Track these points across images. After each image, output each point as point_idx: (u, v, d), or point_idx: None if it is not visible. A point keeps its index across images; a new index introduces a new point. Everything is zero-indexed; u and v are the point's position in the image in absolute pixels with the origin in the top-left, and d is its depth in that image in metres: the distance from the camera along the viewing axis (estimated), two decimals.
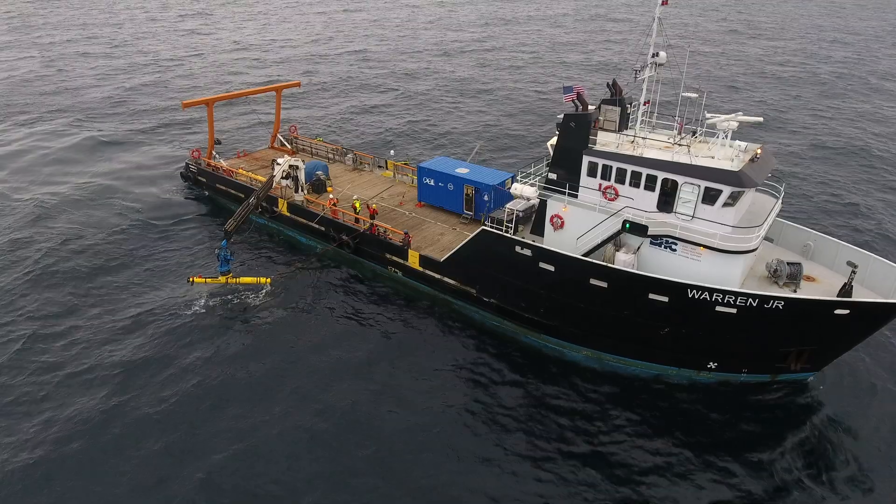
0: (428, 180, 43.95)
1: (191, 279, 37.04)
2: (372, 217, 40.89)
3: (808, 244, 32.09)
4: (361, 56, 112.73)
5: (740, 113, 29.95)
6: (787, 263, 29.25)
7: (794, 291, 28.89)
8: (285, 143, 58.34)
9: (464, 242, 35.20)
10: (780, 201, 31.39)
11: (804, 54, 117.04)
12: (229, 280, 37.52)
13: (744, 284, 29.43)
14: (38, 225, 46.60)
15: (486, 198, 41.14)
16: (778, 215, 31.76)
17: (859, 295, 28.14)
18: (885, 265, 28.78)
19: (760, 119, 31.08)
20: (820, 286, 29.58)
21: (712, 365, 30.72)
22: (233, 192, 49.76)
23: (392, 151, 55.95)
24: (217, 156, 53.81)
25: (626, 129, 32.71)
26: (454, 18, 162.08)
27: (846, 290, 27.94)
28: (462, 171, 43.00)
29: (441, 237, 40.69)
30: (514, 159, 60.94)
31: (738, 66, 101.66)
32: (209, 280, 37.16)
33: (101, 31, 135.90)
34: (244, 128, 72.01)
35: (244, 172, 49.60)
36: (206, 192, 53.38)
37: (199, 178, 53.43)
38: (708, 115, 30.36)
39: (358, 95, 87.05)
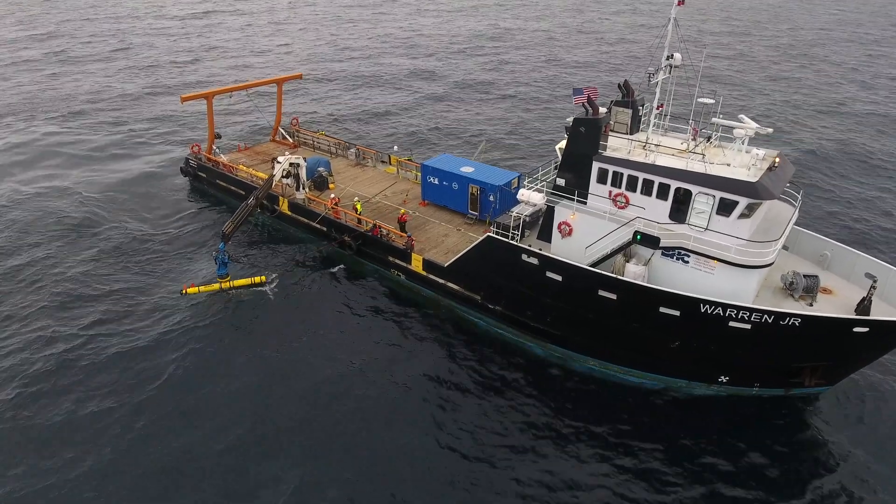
0: (432, 179, 42.86)
1: (184, 290, 35.80)
2: (402, 225, 39.34)
3: (825, 253, 30.98)
4: (365, 55, 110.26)
5: (746, 119, 28.75)
6: (804, 276, 28.22)
7: (811, 305, 27.92)
8: (287, 136, 57.24)
9: (468, 248, 34.24)
10: (797, 210, 30.22)
11: (827, 55, 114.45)
12: (223, 285, 36.46)
13: (758, 296, 28.45)
14: (26, 221, 45.80)
15: (491, 198, 40.08)
16: (795, 223, 30.63)
17: (879, 309, 27.09)
18: None
19: (770, 129, 29.73)
20: (837, 299, 28.56)
21: (723, 378, 29.85)
22: (233, 188, 48.80)
23: (395, 147, 54.76)
24: (217, 150, 52.80)
25: (638, 131, 31.51)
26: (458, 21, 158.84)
27: (865, 304, 26.90)
28: (467, 170, 41.87)
29: (445, 238, 39.73)
30: (522, 159, 59.60)
31: (756, 69, 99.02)
32: (203, 288, 36.03)
33: (99, 29, 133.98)
34: (245, 121, 70.67)
35: (245, 168, 48.57)
36: (207, 188, 52.40)
37: (199, 173, 52.40)
38: (723, 121, 29.15)
39: (362, 93, 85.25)
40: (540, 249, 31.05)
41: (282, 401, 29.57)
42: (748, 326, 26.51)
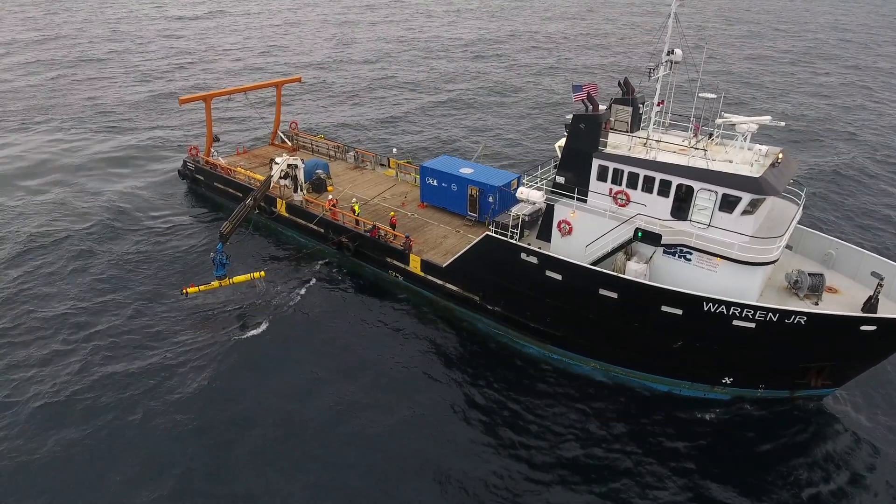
0: (431, 180, 42.47)
1: (184, 290, 35.54)
2: (392, 227, 39.06)
3: (830, 252, 30.43)
4: (367, 58, 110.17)
5: (765, 117, 28.30)
6: (809, 274, 27.65)
7: (816, 304, 27.32)
8: (286, 139, 57.00)
9: (467, 248, 33.77)
10: (801, 208, 29.70)
11: (828, 51, 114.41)
12: (223, 283, 36.26)
13: (762, 296, 27.87)
14: (25, 227, 45.34)
15: (490, 199, 39.64)
16: (798, 222, 30.10)
17: (886, 308, 26.50)
18: None
19: (782, 123, 29.32)
20: (843, 298, 27.96)
21: (728, 380, 29.21)
22: (231, 190, 48.46)
23: (394, 149, 54.42)
24: (216, 153, 52.50)
25: (639, 129, 31.11)
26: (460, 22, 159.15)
27: (871, 303, 26.30)
28: (466, 171, 41.48)
29: (444, 240, 39.28)
30: (522, 158, 59.20)
31: (760, 65, 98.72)
32: (203, 288, 35.88)
33: (98, 31, 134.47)
34: (244, 124, 70.45)
35: (242, 171, 48.25)
36: (205, 190, 52.05)
37: (197, 175, 52.08)
38: (726, 116, 28.71)
39: (363, 96, 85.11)
40: (539, 248, 30.57)
41: (281, 403, 29.02)
42: (752, 325, 25.94)
